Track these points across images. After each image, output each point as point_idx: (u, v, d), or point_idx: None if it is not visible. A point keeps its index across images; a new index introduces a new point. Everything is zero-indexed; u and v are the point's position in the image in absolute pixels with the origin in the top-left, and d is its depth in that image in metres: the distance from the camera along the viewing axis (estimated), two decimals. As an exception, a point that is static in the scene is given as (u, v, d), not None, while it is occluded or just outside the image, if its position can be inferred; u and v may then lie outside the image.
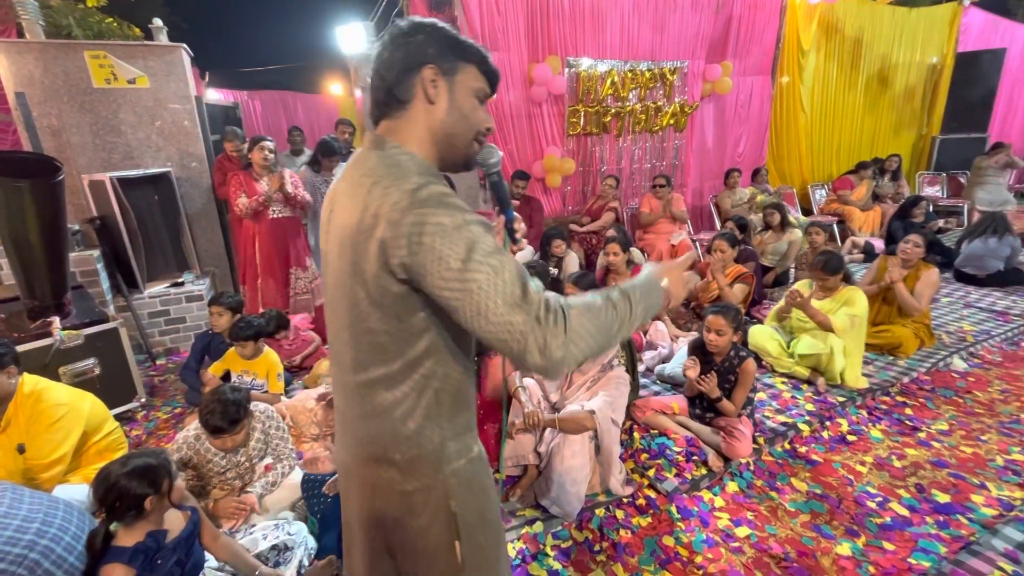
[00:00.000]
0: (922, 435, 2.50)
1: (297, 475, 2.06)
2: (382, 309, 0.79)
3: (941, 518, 1.97)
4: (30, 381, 1.98)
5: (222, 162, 3.95)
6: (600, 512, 2.05)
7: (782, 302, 3.14)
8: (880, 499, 2.08)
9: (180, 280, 3.84)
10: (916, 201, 5.22)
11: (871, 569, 1.75)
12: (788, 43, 6.32)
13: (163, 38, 3.90)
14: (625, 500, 2.11)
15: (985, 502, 2.04)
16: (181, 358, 3.66)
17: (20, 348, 2.30)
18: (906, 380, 2.97)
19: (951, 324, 3.73)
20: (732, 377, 2.36)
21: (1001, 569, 1.68)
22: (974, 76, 7.44)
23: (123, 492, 1.32)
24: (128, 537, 1.35)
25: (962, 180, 7.18)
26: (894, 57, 7.27)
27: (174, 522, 1.46)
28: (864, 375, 2.96)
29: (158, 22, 3.89)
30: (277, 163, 3.45)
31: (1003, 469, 2.23)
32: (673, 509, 2.06)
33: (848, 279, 3.05)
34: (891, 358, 3.22)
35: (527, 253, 4.50)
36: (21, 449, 1.89)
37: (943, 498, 2.07)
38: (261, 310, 3.39)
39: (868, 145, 7.54)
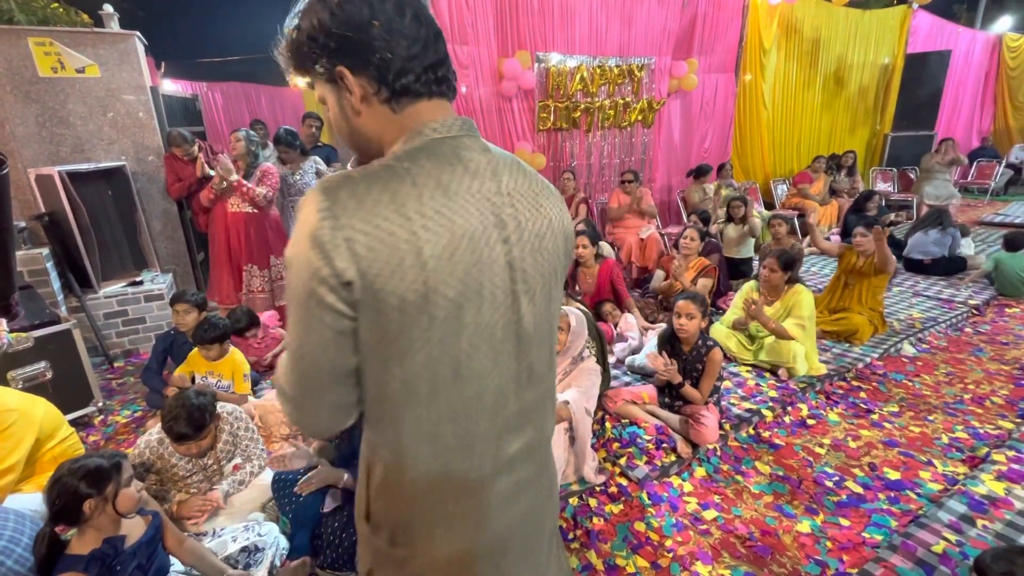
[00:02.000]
0: (875, 417, 2.64)
1: (267, 475, 2.02)
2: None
3: (892, 494, 2.09)
4: (-25, 387, 1.88)
5: (170, 161, 3.79)
6: (574, 501, 2.08)
7: (736, 311, 3.23)
8: (837, 478, 2.19)
9: (139, 279, 3.68)
10: (869, 195, 5.47)
11: (829, 544, 1.85)
12: (750, 42, 6.50)
13: (114, 25, 3.71)
14: (598, 488, 2.15)
15: (932, 478, 2.17)
16: (141, 360, 3.52)
17: (-37, 352, 2.17)
18: (860, 365, 3.13)
19: (901, 312, 3.93)
20: (700, 366, 2.43)
21: (946, 539, 1.80)
22: (922, 76, 7.83)
23: (63, 490, 1.27)
24: (82, 545, 1.30)
25: (912, 175, 7.56)
26: (849, 57, 7.58)
27: (133, 527, 1.41)
28: (823, 362, 3.10)
29: (108, 8, 3.69)
30: (254, 153, 3.37)
31: (948, 446, 2.38)
32: (644, 495, 2.11)
33: (794, 280, 3.13)
34: (847, 345, 3.38)
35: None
36: (-32, 458, 1.79)
37: (894, 475, 2.19)
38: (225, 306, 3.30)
39: (826, 142, 7.85)
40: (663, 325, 3.23)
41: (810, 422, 2.62)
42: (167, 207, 3.99)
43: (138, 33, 3.71)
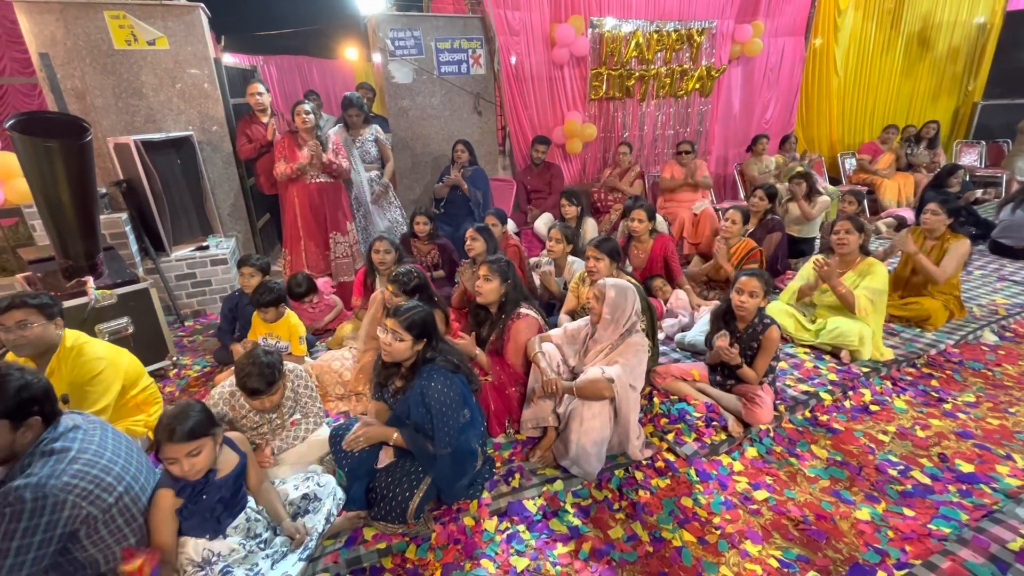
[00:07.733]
0: (948, 406, 2.47)
1: (324, 431, 2.13)
2: None
3: (964, 487, 1.96)
4: (71, 336, 2.05)
5: (243, 124, 3.93)
6: (619, 473, 2.08)
7: (801, 279, 3.06)
8: (902, 467, 2.08)
9: (205, 244, 3.90)
10: (953, 170, 5.01)
11: (890, 533, 1.77)
12: (824, 1, 5.99)
13: (181, -2, 3.85)
14: (644, 463, 2.14)
15: (1010, 472, 2.02)
16: (208, 320, 3.77)
17: (58, 305, 2.38)
18: (933, 352, 2.92)
19: (983, 297, 3.62)
20: (755, 344, 2.34)
21: (1024, 537, 1.68)
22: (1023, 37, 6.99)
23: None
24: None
25: (1005, 148, 6.84)
26: (938, 16, 6.85)
27: (225, 463, 1.54)
28: (890, 346, 2.92)
29: (175, -19, 3.82)
30: (319, 126, 3.46)
31: (1031, 441, 2.20)
32: (692, 472, 2.08)
33: (866, 251, 2.96)
34: (918, 330, 3.16)
35: (546, 219, 4.46)
36: (65, 400, 1.96)
37: (967, 468, 2.06)
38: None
39: (904, 111, 7.20)
40: (716, 302, 3.12)
41: (873, 408, 2.49)
42: (230, 175, 4.17)
43: (202, 5, 3.83)
